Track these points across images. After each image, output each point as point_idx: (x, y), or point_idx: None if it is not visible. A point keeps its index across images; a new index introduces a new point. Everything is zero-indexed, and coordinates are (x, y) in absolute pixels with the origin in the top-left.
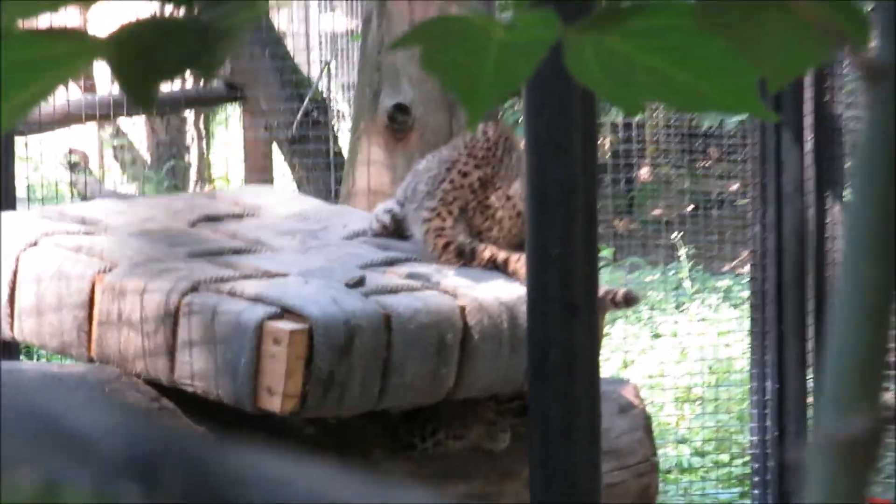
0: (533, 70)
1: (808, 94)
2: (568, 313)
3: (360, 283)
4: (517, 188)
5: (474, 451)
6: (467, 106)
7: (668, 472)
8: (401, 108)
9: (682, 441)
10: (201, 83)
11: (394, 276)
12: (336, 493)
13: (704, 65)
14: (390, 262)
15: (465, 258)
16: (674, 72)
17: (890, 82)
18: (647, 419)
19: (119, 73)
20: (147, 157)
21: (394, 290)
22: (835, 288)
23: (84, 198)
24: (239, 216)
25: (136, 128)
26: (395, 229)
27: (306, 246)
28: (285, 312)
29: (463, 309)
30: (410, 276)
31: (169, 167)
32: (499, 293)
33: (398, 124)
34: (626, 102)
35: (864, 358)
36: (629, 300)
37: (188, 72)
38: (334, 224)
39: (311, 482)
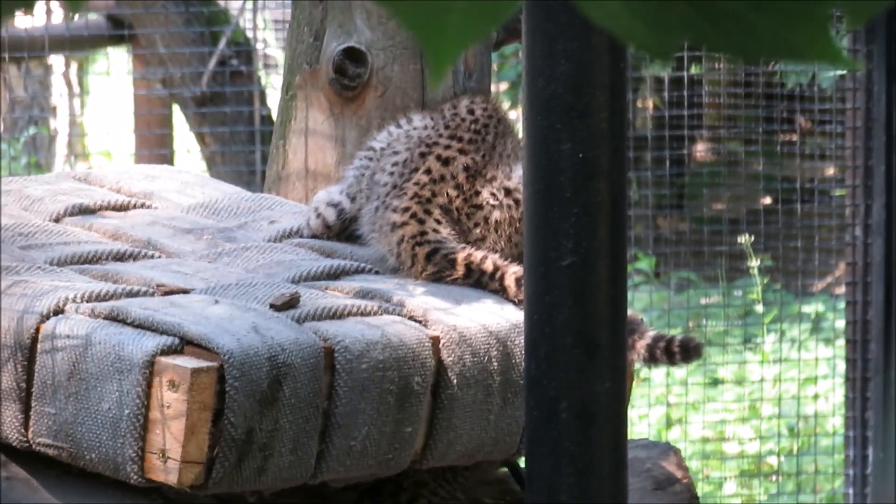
0: (519, 5)
1: None
2: (584, 352)
3: (291, 303)
4: (519, 177)
5: None
6: (431, 51)
7: None
8: (353, 55)
9: None
10: (71, 16)
11: (339, 295)
12: None
13: None
14: (335, 275)
15: (458, 271)
16: (722, 3)
17: None
18: (693, 498)
19: None
20: None
21: (339, 315)
22: None
23: None
24: (123, 207)
25: None
26: (342, 230)
27: (217, 250)
28: (186, 345)
29: (436, 341)
30: (362, 294)
31: (27, 136)
32: (486, 320)
33: (349, 78)
34: (658, 45)
35: None
36: (688, 352)
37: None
38: (257, 220)
39: None
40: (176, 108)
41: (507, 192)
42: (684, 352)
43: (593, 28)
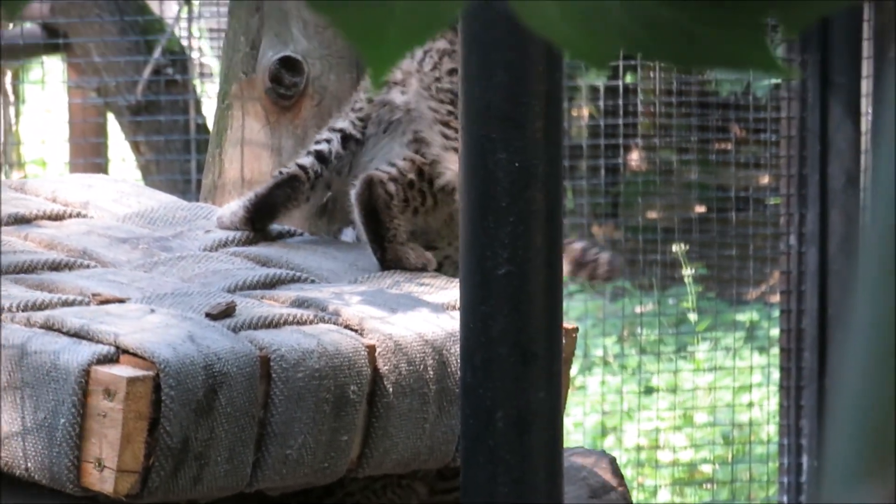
0: (460, 7)
1: (867, 49)
2: (520, 361)
3: (227, 312)
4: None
5: None
6: (370, 58)
7: None
8: (289, 65)
9: None
10: (9, 26)
11: (275, 304)
12: None
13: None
14: (271, 284)
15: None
16: (656, 8)
17: None
18: None
19: None
20: None
21: (274, 324)
22: (841, 337)
23: None
24: (58, 217)
25: None
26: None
27: (153, 259)
28: (122, 353)
29: (372, 350)
30: (298, 303)
31: None
32: (422, 328)
33: (285, 87)
34: (594, 53)
35: (884, 413)
36: (612, 270)
37: None
38: (193, 229)
39: None
40: (111, 117)
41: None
42: (610, 270)
43: (529, 38)
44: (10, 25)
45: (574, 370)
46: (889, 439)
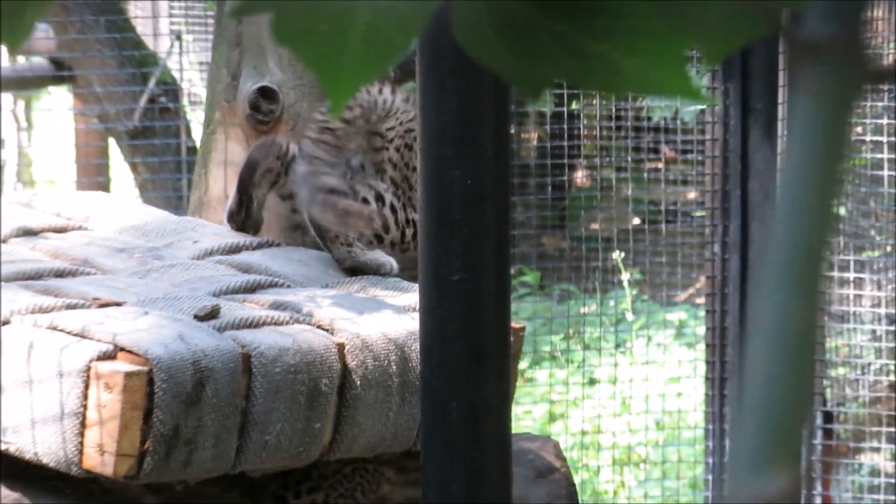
0: (413, 40)
1: (783, 78)
2: (472, 359)
3: (213, 314)
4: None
5: None
6: (329, 87)
7: None
8: (266, 94)
9: None
10: (18, 59)
11: (255, 307)
12: None
13: (625, 33)
14: (251, 289)
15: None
16: (586, 41)
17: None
18: (570, 485)
19: None
20: None
21: (255, 324)
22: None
23: None
24: (62, 229)
25: None
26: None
27: (146, 267)
28: (119, 351)
29: (341, 347)
30: (276, 305)
31: None
32: (386, 328)
33: (263, 114)
34: (530, 81)
35: (785, 406)
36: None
37: None
38: (182, 240)
39: None
40: (111, 141)
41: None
42: None
43: (479, 68)
44: (17, 59)
45: (524, 364)
46: (790, 432)
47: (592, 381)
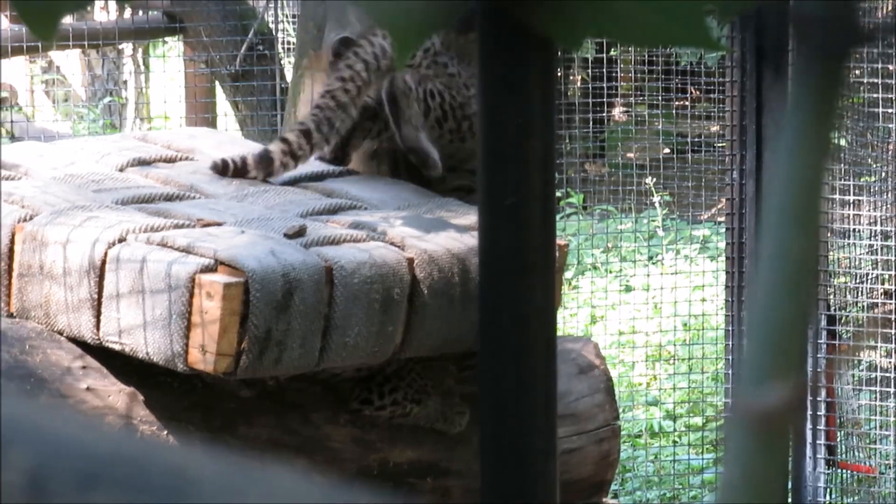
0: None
1: (791, 28)
2: (522, 271)
3: (300, 233)
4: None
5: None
6: (396, 39)
7: (638, 436)
8: (347, 43)
9: (654, 403)
10: (139, 13)
11: (336, 226)
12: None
13: None
14: (333, 210)
15: None
16: (617, 5)
17: (816, 37)
18: (608, 381)
19: (18, 2)
20: (81, 92)
21: (336, 242)
22: (756, 253)
23: (12, 137)
24: (172, 160)
25: (69, 61)
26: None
27: (243, 193)
28: (219, 265)
29: (411, 261)
30: (355, 225)
31: (104, 104)
32: (449, 245)
33: None
34: (567, 36)
35: (785, 326)
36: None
37: (116, 2)
38: None
39: (269, 488)
40: (216, 83)
41: None
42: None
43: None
44: (131, 11)
45: (570, 274)
46: (790, 349)
47: (628, 289)
